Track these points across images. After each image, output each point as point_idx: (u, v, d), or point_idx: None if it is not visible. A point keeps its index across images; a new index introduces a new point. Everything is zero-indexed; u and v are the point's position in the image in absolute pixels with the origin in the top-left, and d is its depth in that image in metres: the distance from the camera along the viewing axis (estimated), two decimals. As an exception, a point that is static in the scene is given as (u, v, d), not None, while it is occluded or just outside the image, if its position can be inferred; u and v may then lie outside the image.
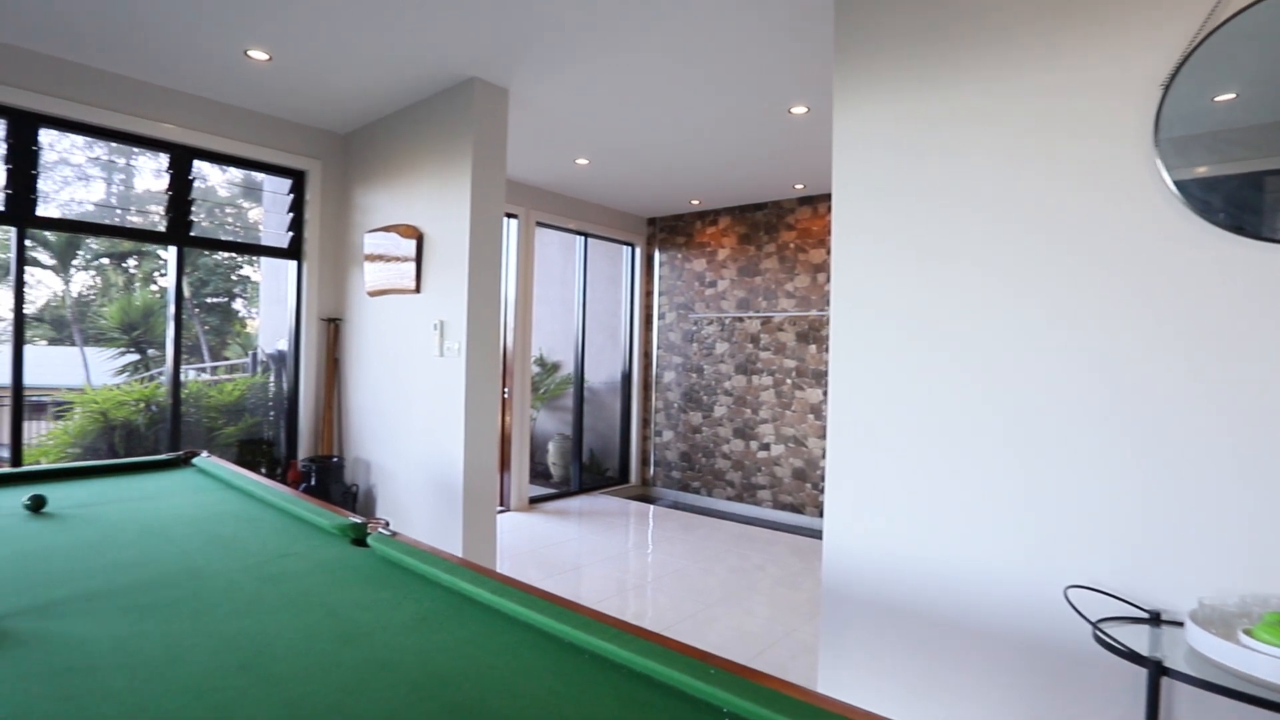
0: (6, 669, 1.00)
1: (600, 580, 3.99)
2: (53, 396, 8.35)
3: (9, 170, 3.36)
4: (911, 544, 2.08)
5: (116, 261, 17.08)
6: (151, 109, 3.66)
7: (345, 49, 3.17)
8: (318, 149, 4.34)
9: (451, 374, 3.48)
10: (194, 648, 1.09)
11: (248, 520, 1.87)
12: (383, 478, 4.05)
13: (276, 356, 4.77)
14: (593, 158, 4.73)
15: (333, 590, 1.35)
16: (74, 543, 1.62)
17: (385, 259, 3.90)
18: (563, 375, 7.20)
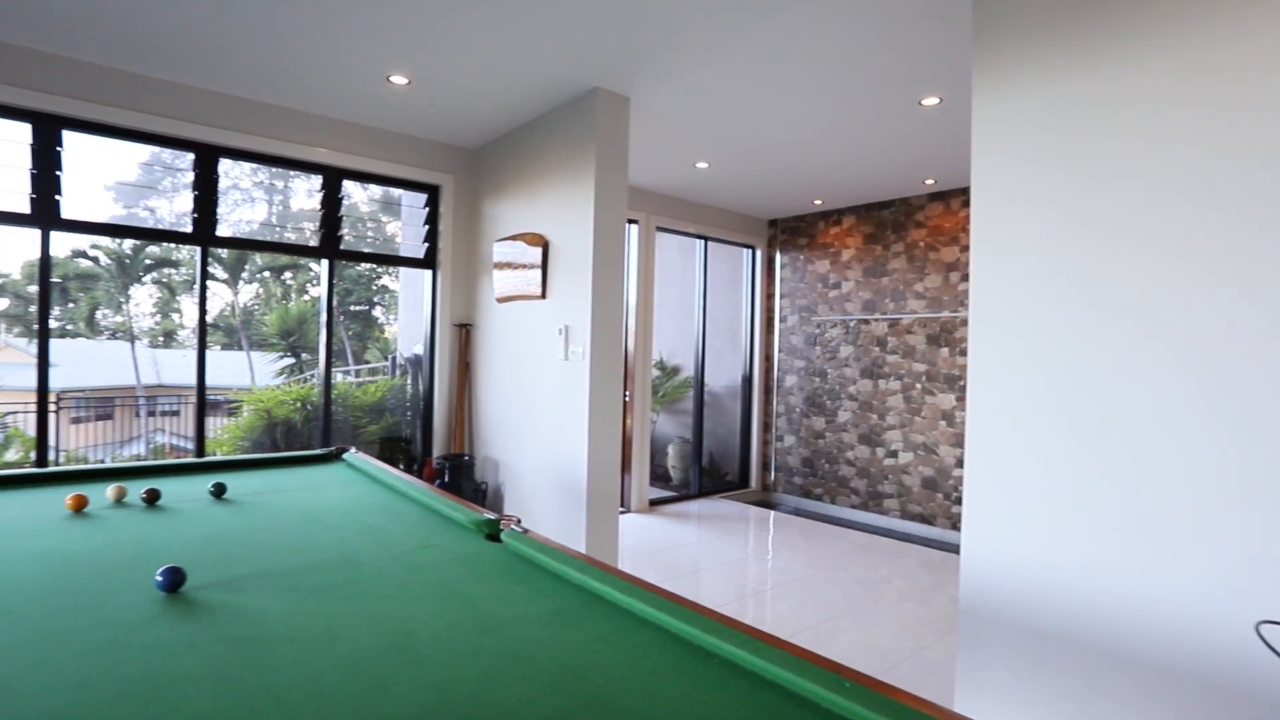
0: (204, 633, 1.12)
1: (719, 585, 3.95)
2: (225, 396, 9.43)
3: (196, 197, 3.82)
4: (1064, 564, 1.89)
5: (276, 274, 19.05)
6: (307, 135, 4.04)
7: (477, 70, 3.34)
8: (450, 164, 4.62)
9: (576, 377, 3.58)
10: (351, 628, 1.17)
11: (392, 512, 2.01)
12: (510, 476, 4.22)
13: (413, 360, 5.12)
14: (713, 161, 4.71)
15: (471, 582, 1.42)
16: (249, 526, 1.80)
17: (513, 266, 4.08)
18: (682, 379, 7.21)
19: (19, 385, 10.39)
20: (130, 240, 15.73)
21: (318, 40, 3.08)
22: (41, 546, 1.58)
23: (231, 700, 0.92)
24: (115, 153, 17.10)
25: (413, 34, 2.99)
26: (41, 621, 1.16)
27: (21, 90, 3.24)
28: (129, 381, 15.72)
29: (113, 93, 3.46)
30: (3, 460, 6.50)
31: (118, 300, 17.08)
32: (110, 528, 1.75)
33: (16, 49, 3.23)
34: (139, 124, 3.55)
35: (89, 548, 1.58)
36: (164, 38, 3.10)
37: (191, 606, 1.24)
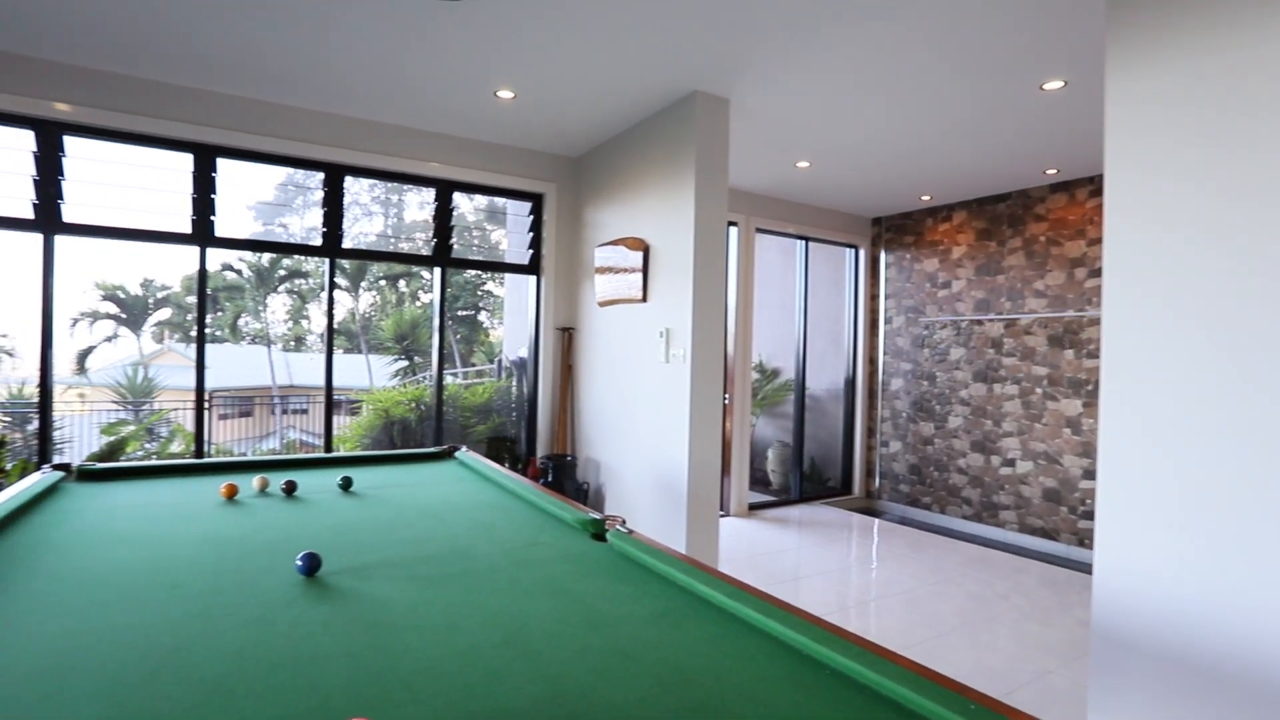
0: (337, 615, 1.21)
1: (820, 593, 3.84)
2: (348, 396, 10.15)
3: (325, 213, 4.13)
4: (1216, 589, 1.71)
5: (391, 282, 20.29)
6: (421, 151, 4.28)
7: (578, 80, 3.43)
8: (553, 173, 4.76)
9: (676, 380, 3.59)
10: (466, 619, 1.23)
11: (502, 509, 2.09)
12: (611, 477, 4.30)
13: (518, 363, 5.32)
14: (814, 160, 4.60)
15: (578, 580, 1.45)
16: (373, 518, 1.93)
17: (614, 271, 4.15)
18: (782, 381, 7.08)
19: (179, 385, 11.62)
20: (268, 254, 17.26)
21: (433, 61, 3.26)
22: (201, 529, 1.76)
23: (363, 679, 0.99)
24: (256, 175, 18.78)
25: (519, 49, 3.10)
26: (205, 596, 1.29)
27: (184, 124, 3.64)
28: (265, 382, 17.23)
29: (256, 121, 3.81)
30: (168, 451, 7.31)
31: (257, 308, 18.77)
32: (256, 515, 1.93)
33: (179, 88, 3.62)
34: (277, 149, 3.89)
35: (240, 532, 1.75)
36: (300, 71, 3.38)
37: (326, 590, 1.34)
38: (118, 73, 3.49)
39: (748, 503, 5.70)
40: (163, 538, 1.68)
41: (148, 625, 1.15)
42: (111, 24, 2.96)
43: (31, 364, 13.24)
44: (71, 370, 15.38)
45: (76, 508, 1.94)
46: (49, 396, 3.60)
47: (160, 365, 13.96)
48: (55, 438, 3.69)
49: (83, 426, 8.75)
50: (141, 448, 7.26)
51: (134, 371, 12.23)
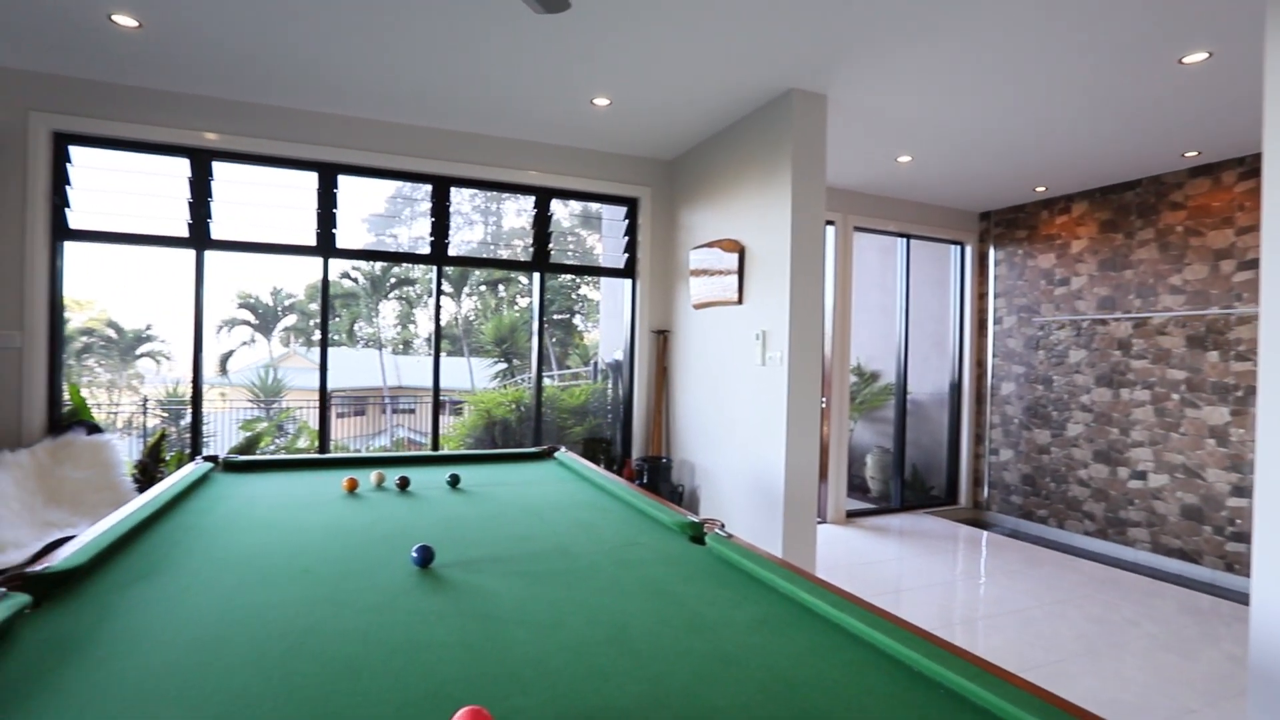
0: (450, 606, 1.27)
1: (923, 608, 3.66)
2: (451, 397, 10.64)
3: (433, 223, 4.36)
4: None
5: (491, 288, 21.12)
6: (520, 160, 4.44)
7: (673, 84, 3.45)
8: (647, 177, 4.80)
9: (773, 382, 3.54)
10: (570, 616, 1.26)
11: (600, 509, 2.12)
12: (706, 479, 4.28)
13: (614, 365, 5.40)
14: (917, 153, 4.41)
15: (678, 582, 1.46)
16: (479, 515, 2.01)
17: (709, 273, 4.14)
18: (881, 385, 6.83)
19: (303, 386, 12.58)
20: (380, 263, 18.40)
21: (533, 74, 3.37)
22: (327, 519, 1.90)
23: (475, 669, 1.03)
24: (369, 190, 20.08)
25: (615, 56, 3.16)
26: (333, 581, 1.39)
27: (310, 145, 3.94)
28: (377, 383, 18.36)
29: (371, 139, 4.08)
30: (296, 446, 7.94)
31: (370, 314, 20.04)
32: (374, 507, 2.06)
33: (305, 113, 3.93)
34: (389, 164, 4.15)
35: (360, 523, 1.87)
36: (411, 91, 3.58)
37: (439, 582, 1.41)
38: (254, 102, 3.83)
39: (845, 510, 5.53)
40: (295, 525, 1.82)
41: (285, 605, 1.26)
42: (251, 59, 3.25)
43: (183, 366, 14.68)
44: (214, 371, 16.97)
45: (223, 495, 2.14)
46: (200, 395, 3.99)
47: (287, 367, 15.16)
48: (204, 432, 4.08)
49: (224, 422, 9.64)
50: (273, 442, 7.91)
51: (265, 373, 13.34)
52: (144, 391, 15.00)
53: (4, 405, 3.50)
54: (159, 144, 3.74)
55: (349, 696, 0.94)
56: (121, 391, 15.90)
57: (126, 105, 3.64)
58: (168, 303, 22.77)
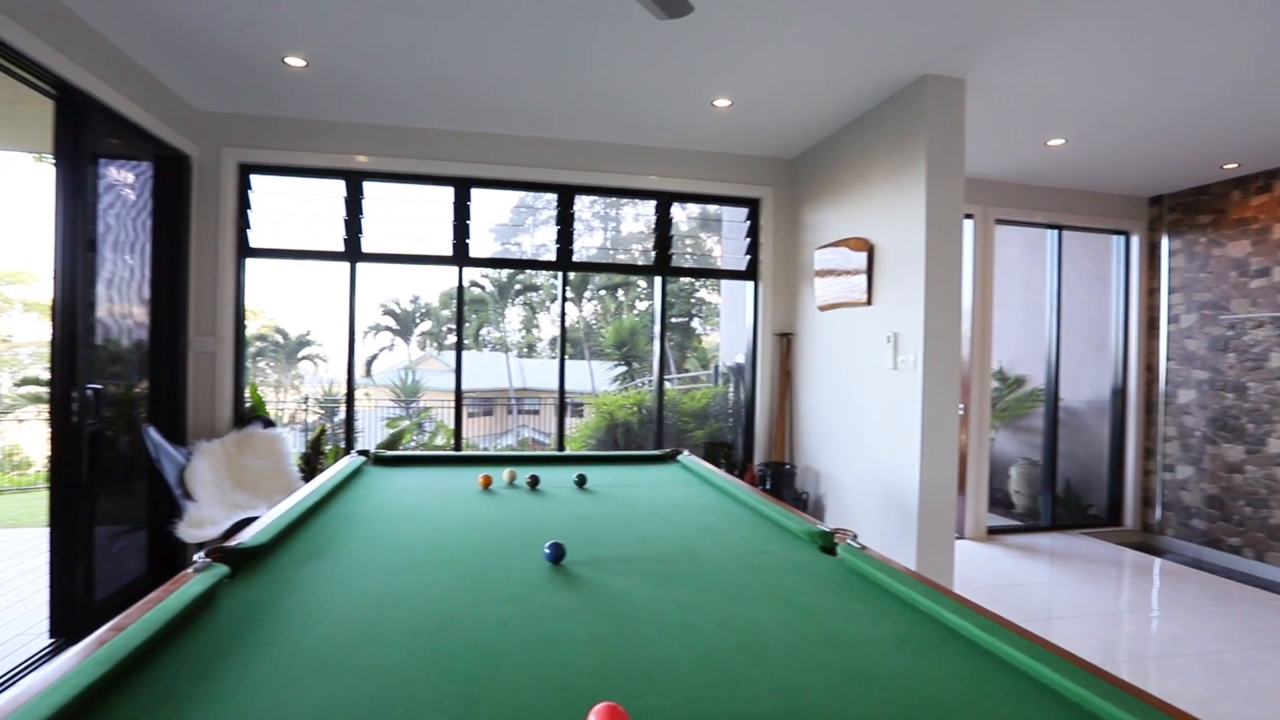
0: (582, 603, 1.30)
1: (1080, 640, 3.32)
2: (573, 399, 10.97)
3: (558, 230, 4.52)
4: None
5: (610, 292, 21.59)
6: (641, 166, 4.50)
7: (797, 80, 3.36)
8: (769, 177, 4.72)
9: (905, 387, 3.36)
10: (700, 620, 1.25)
11: (725, 514, 2.10)
12: (831, 487, 4.13)
13: (735, 369, 5.35)
14: (1071, 135, 4.03)
15: (809, 593, 1.41)
16: (606, 515, 2.05)
17: (835, 273, 4.00)
18: (1027, 391, 6.29)
19: (437, 387, 13.46)
20: (506, 270, 19.35)
21: (652, 80, 3.41)
22: (465, 512, 2.01)
23: (607, 666, 1.05)
24: (495, 201, 21.16)
25: (736, 56, 3.13)
26: (473, 572, 1.47)
27: (446, 162, 4.22)
28: (503, 385, 19.29)
29: (501, 153, 4.30)
30: (433, 444, 8.52)
31: (497, 319, 21.12)
32: (507, 504, 2.16)
33: (442, 132, 4.21)
34: (517, 175, 4.35)
35: (495, 518, 1.96)
36: (539, 105, 3.74)
37: (570, 578, 1.45)
38: (399, 125, 4.15)
39: (986, 525, 5.14)
40: (437, 517, 1.95)
41: (431, 591, 1.34)
42: (397, 87, 3.53)
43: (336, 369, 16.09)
44: (361, 373, 18.57)
45: (374, 487, 2.32)
46: (353, 395, 4.37)
47: (423, 369, 16.28)
48: (355, 428, 4.47)
49: (370, 420, 10.49)
50: (413, 439, 8.52)
51: (405, 375, 14.39)
52: (304, 390, 16.65)
53: (201, 401, 4.01)
54: (320, 168, 4.14)
55: (492, 682, 0.99)
56: (285, 390, 17.74)
57: (294, 135, 4.07)
58: (324, 311, 25.17)
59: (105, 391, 3.24)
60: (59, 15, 2.78)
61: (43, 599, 3.24)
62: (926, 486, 3.25)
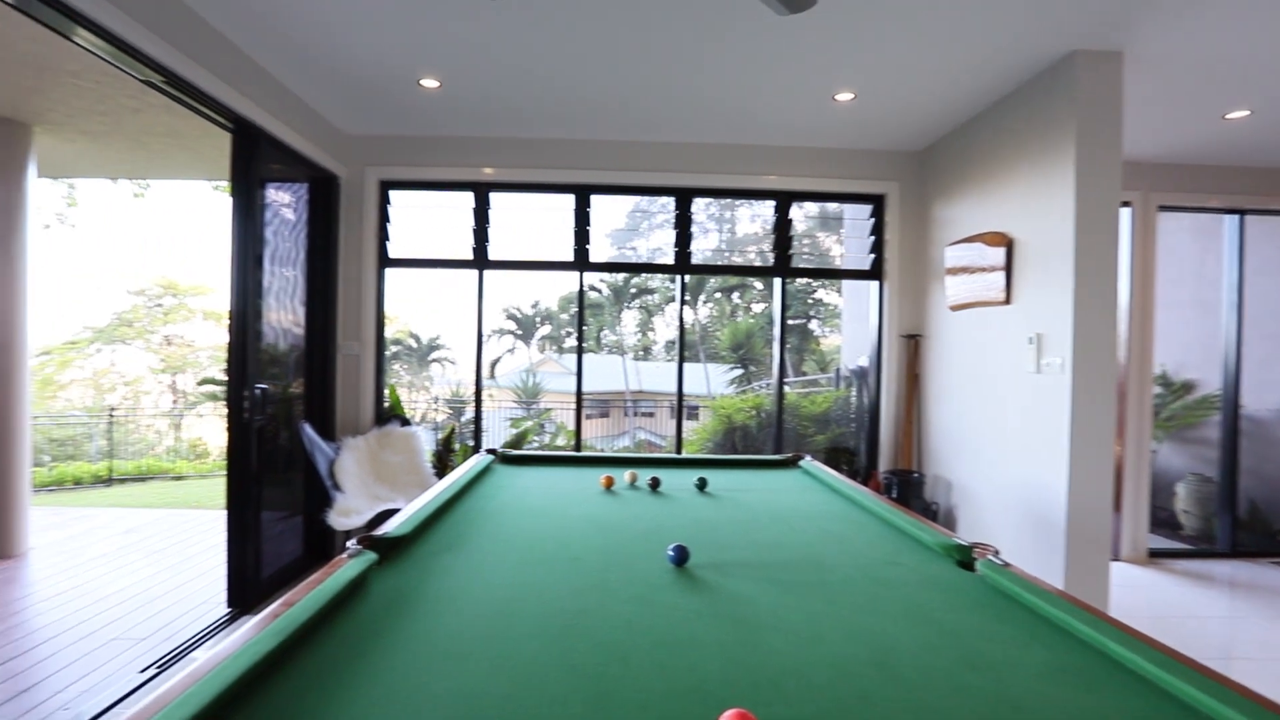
0: (706, 607, 1.30)
1: (1268, 684, 2.89)
2: (688, 401, 10.97)
3: (676, 233, 4.53)
4: None
5: (726, 295, 21.42)
6: (759, 166, 4.43)
7: (926, 67, 3.19)
8: (895, 171, 4.50)
9: (1052, 393, 3.09)
10: (828, 630, 1.20)
11: (852, 522, 2.02)
12: (964, 499, 3.87)
13: (858, 372, 5.14)
14: (1259, 105, 3.54)
15: (946, 610, 1.32)
16: (728, 519, 2.03)
17: (969, 271, 3.75)
18: (1196, 398, 5.59)
19: (556, 389, 13.92)
20: (623, 274, 19.70)
21: (771, 77, 3.35)
22: (588, 512, 2.06)
23: (735, 672, 1.03)
24: (612, 206, 21.63)
25: (859, 46, 3.01)
26: (598, 571, 1.50)
27: (568, 170, 4.36)
28: (619, 387, 19.63)
29: (620, 159, 4.38)
30: (554, 444, 8.82)
31: (613, 322, 21.55)
32: (629, 505, 2.18)
33: (563, 141, 4.35)
34: (635, 180, 4.42)
35: (618, 518, 1.99)
36: (658, 110, 3.78)
37: (694, 581, 1.44)
38: (523, 137, 4.33)
39: (1147, 548, 4.62)
40: (562, 515, 2.00)
41: (559, 587, 1.38)
42: (522, 101, 3.69)
43: (463, 371, 17.01)
44: (485, 375, 19.56)
45: (502, 484, 2.43)
46: (481, 396, 4.60)
47: (543, 372, 16.89)
48: (482, 427, 4.70)
49: (494, 419, 11.01)
50: (534, 439, 8.86)
51: (526, 377, 14.99)
52: (433, 391, 17.75)
53: (348, 401, 4.37)
54: (450, 181, 4.40)
55: (620, 679, 1.00)
56: (417, 391, 18.97)
57: (427, 152, 4.35)
58: (452, 316, 26.72)
59: (269, 391, 3.61)
60: (235, 58, 3.13)
61: (221, 573, 3.65)
62: (1076, 502, 2.97)
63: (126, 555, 4.26)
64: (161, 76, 2.72)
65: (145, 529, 4.90)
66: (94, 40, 2.41)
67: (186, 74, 2.77)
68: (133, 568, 4.02)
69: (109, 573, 3.93)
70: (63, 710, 2.44)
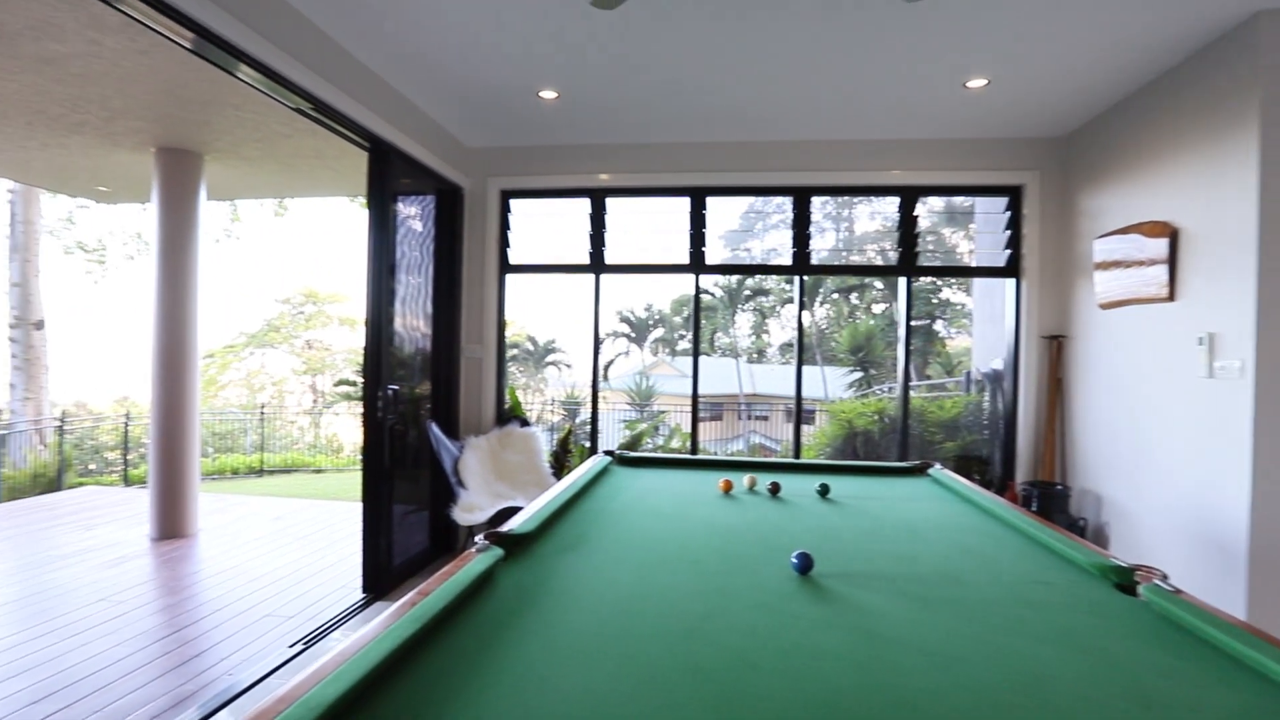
0: (834, 618, 1.24)
1: None
2: (806, 405, 10.68)
3: (794, 234, 4.42)
4: None
5: (844, 295, 20.69)
6: (881, 161, 4.24)
7: (1071, 44, 2.92)
8: (1034, 160, 4.16)
9: (1227, 400, 2.73)
10: (970, 652, 1.12)
11: (990, 536, 1.88)
12: (1117, 516, 3.51)
13: (991, 375, 4.78)
14: None
15: (1106, 638, 1.19)
16: (853, 528, 1.94)
17: (1123, 265, 3.39)
18: None
19: (670, 391, 13.99)
20: (736, 276, 19.52)
21: (895, 67, 3.19)
22: (707, 515, 2.04)
23: (868, 689, 0.98)
24: (725, 208, 21.52)
25: (993, 26, 2.81)
26: (719, 575, 1.48)
27: (682, 174, 4.37)
28: (733, 390, 19.44)
29: (735, 160, 4.33)
30: (670, 446, 8.87)
31: (726, 325, 21.39)
32: (748, 510, 2.14)
33: (678, 145, 4.36)
34: (751, 181, 4.36)
35: (738, 523, 1.96)
36: (773, 109, 3.71)
37: (820, 591, 1.39)
38: (638, 143, 4.39)
39: (1352, 579, 3.98)
40: (681, 518, 2.00)
41: (681, 590, 1.37)
42: (637, 108, 3.74)
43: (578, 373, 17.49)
44: (600, 378, 20.00)
45: (620, 486, 2.46)
46: (597, 397, 4.70)
47: (656, 374, 17.02)
48: (598, 429, 4.79)
49: (608, 421, 11.22)
50: (649, 441, 8.93)
51: (639, 379, 15.16)
52: (548, 393, 18.34)
53: (470, 401, 4.60)
54: (567, 189, 4.53)
55: (748, 686, 0.97)
56: (532, 393, 19.68)
57: (545, 161, 4.50)
58: (566, 319, 27.55)
59: (399, 392, 3.86)
60: (370, 80, 3.38)
61: (356, 560, 3.95)
62: (1261, 524, 2.60)
63: (276, 540, 4.70)
64: (309, 103, 2.99)
65: (291, 517, 5.39)
66: (253, 74, 2.68)
67: (330, 99, 3.02)
68: (281, 552, 4.43)
69: (262, 555, 4.35)
70: (227, 675, 2.72)
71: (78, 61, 3.13)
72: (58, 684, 2.65)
